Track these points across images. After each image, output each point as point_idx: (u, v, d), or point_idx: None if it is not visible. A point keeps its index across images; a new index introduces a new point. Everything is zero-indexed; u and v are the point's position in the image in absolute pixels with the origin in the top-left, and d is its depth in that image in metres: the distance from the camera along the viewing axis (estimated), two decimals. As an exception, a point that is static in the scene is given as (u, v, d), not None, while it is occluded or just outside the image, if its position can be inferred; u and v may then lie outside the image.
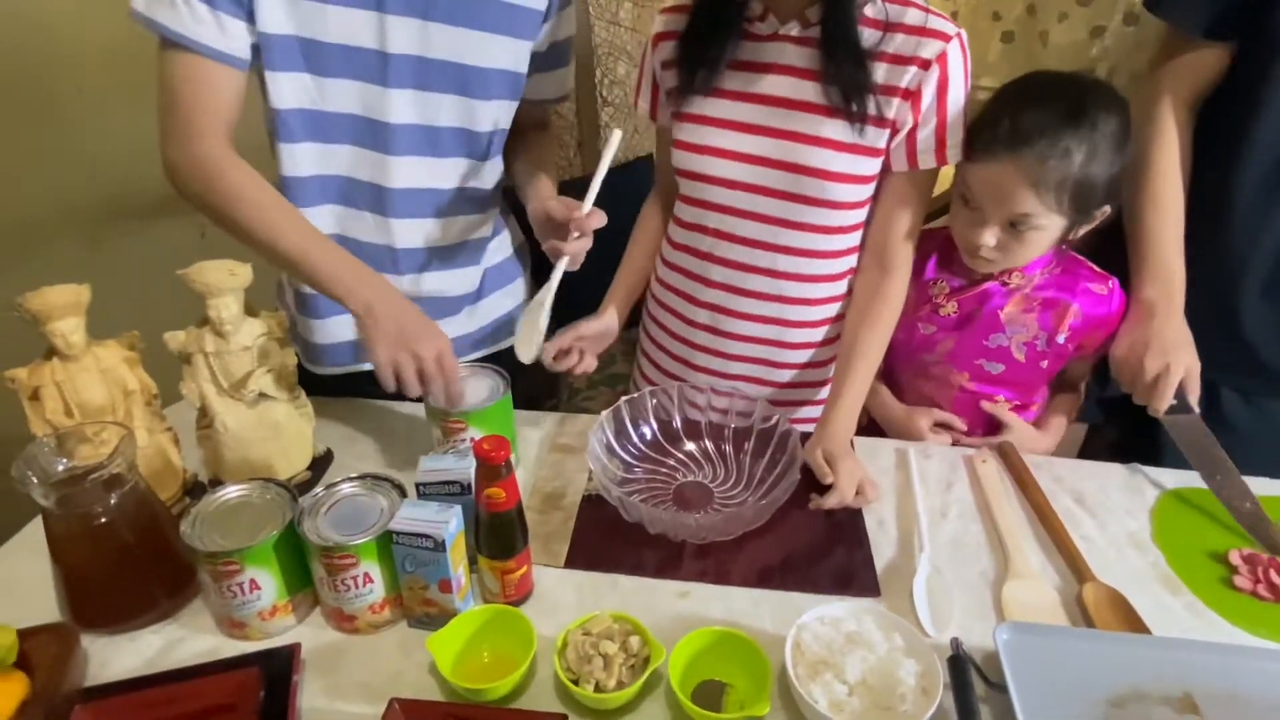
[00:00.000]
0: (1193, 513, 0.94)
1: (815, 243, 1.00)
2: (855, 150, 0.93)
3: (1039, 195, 0.89)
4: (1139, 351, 0.96)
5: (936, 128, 0.91)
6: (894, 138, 0.93)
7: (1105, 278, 1.02)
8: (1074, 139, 0.87)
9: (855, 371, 0.99)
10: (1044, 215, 0.91)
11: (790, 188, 0.96)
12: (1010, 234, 0.94)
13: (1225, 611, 0.81)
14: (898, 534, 0.91)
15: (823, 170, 0.93)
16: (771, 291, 1.03)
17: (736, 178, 0.98)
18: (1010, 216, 0.92)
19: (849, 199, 0.96)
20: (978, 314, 1.04)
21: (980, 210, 0.94)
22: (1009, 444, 1.04)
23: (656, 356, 1.18)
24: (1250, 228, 0.98)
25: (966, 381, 1.08)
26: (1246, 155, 0.96)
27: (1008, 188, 0.90)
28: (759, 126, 0.96)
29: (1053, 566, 0.87)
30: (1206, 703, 0.67)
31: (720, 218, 1.02)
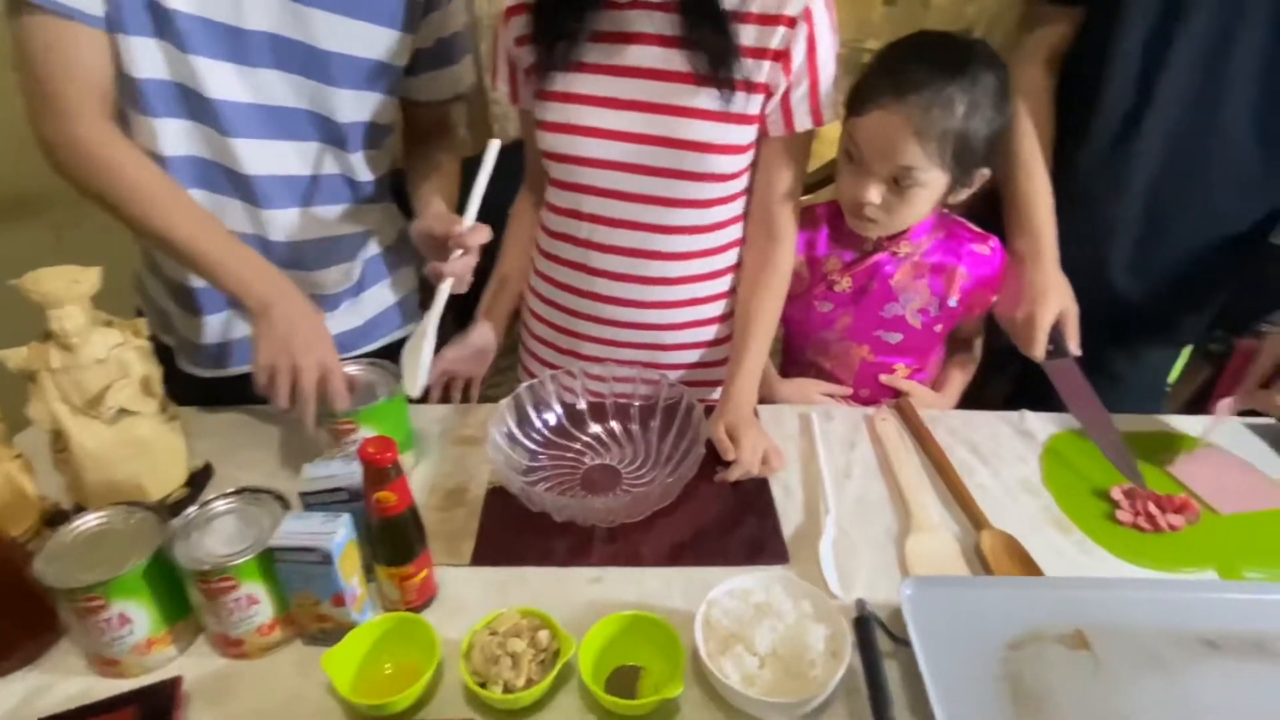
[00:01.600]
0: (1078, 454, 0.98)
1: (697, 218, 0.97)
2: (730, 119, 0.91)
3: (922, 146, 0.90)
4: (1014, 301, 0.99)
5: (810, 87, 0.90)
6: (768, 102, 0.91)
7: (986, 238, 1.04)
8: (957, 90, 0.88)
9: (752, 341, 0.98)
10: (927, 169, 0.92)
11: (667, 163, 0.92)
12: (894, 191, 0.95)
13: (1111, 546, 0.86)
14: (804, 498, 0.92)
15: (699, 142, 0.91)
16: (657, 274, 1.00)
17: (609, 157, 0.94)
18: (894, 170, 0.93)
19: (728, 170, 0.94)
20: (871, 286, 1.05)
21: (865, 165, 0.94)
22: (907, 401, 1.06)
23: (542, 353, 1.13)
24: (1107, 187, 1.02)
25: (867, 354, 1.10)
26: (1096, 120, 1.00)
27: (892, 138, 0.90)
28: (627, 101, 0.92)
29: (952, 517, 0.89)
30: (1096, 636, 0.70)
31: (596, 201, 0.98)
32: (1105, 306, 1.04)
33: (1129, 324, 1.12)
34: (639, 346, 1.06)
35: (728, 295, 1.05)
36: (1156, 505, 0.89)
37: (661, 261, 0.99)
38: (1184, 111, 0.96)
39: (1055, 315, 0.97)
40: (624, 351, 1.06)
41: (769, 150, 0.96)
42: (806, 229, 1.05)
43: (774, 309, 1.00)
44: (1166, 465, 0.96)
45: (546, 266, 1.08)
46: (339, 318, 1.08)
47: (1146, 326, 1.13)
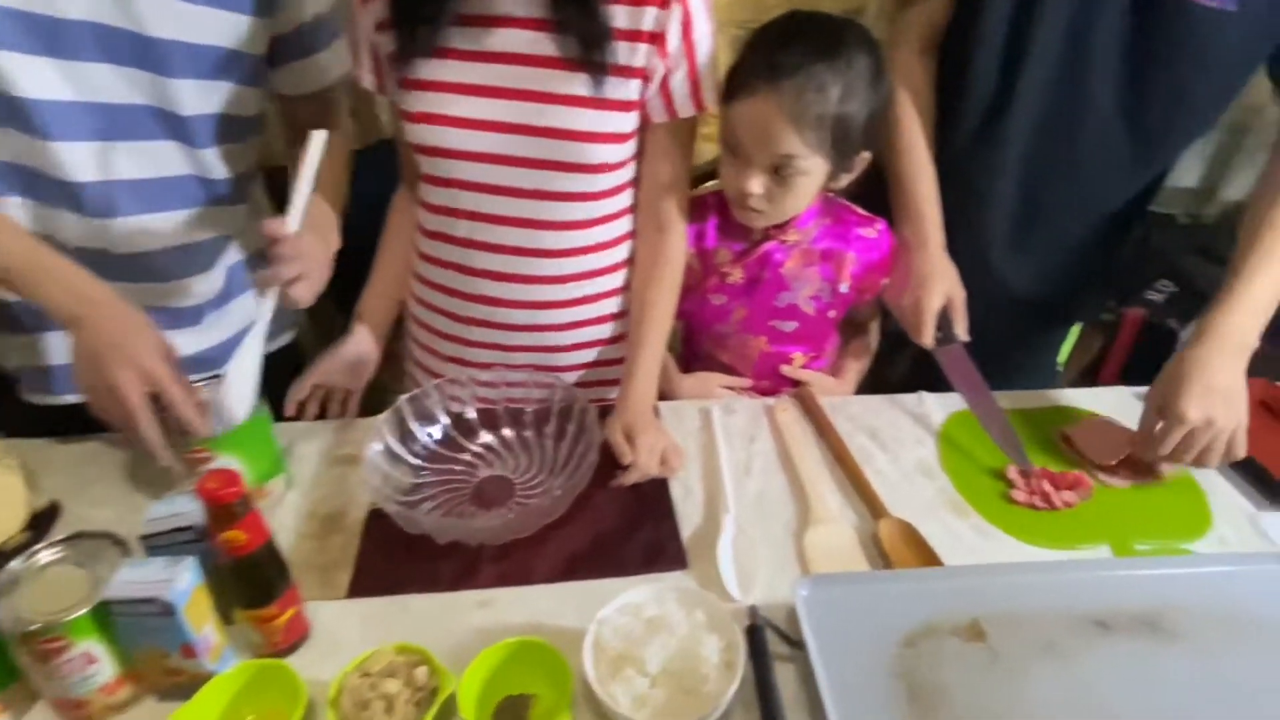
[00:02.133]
0: (973, 435, 0.98)
1: (582, 211, 0.93)
2: (607, 105, 0.86)
3: (800, 133, 0.87)
4: (902, 288, 0.99)
5: (689, 70, 0.86)
6: (647, 86, 0.87)
7: (872, 220, 1.03)
8: (830, 74, 0.86)
9: (647, 338, 0.95)
10: (807, 156, 0.89)
11: (544, 154, 0.87)
12: (776, 181, 0.92)
13: (1007, 527, 0.86)
14: (704, 497, 0.89)
15: (576, 131, 0.86)
16: (545, 273, 0.95)
17: (481, 149, 0.88)
18: (774, 160, 0.90)
19: (610, 160, 0.90)
20: (763, 276, 1.02)
21: (745, 155, 0.91)
22: (806, 390, 1.05)
23: (428, 361, 1.07)
24: (982, 167, 1.02)
25: (765, 345, 1.07)
26: (967, 100, 1.00)
27: (768, 126, 0.87)
28: (497, 88, 0.86)
29: (850, 507, 0.88)
30: (991, 625, 0.69)
31: (472, 197, 0.92)
32: (990, 288, 1.04)
33: (1014, 305, 1.13)
34: (531, 349, 1.01)
35: (621, 291, 1.01)
36: (1050, 483, 0.90)
37: (548, 259, 0.94)
38: (1050, 90, 0.96)
39: (942, 301, 0.97)
40: (515, 355, 1.01)
41: (652, 138, 0.92)
42: (695, 220, 1.02)
43: (668, 303, 0.97)
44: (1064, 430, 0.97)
45: (425, 269, 1.01)
46: (202, 332, 1.00)
47: (1032, 307, 1.14)
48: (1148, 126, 0.96)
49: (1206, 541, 0.85)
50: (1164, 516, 0.88)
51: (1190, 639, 0.68)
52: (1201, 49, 0.88)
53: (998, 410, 0.96)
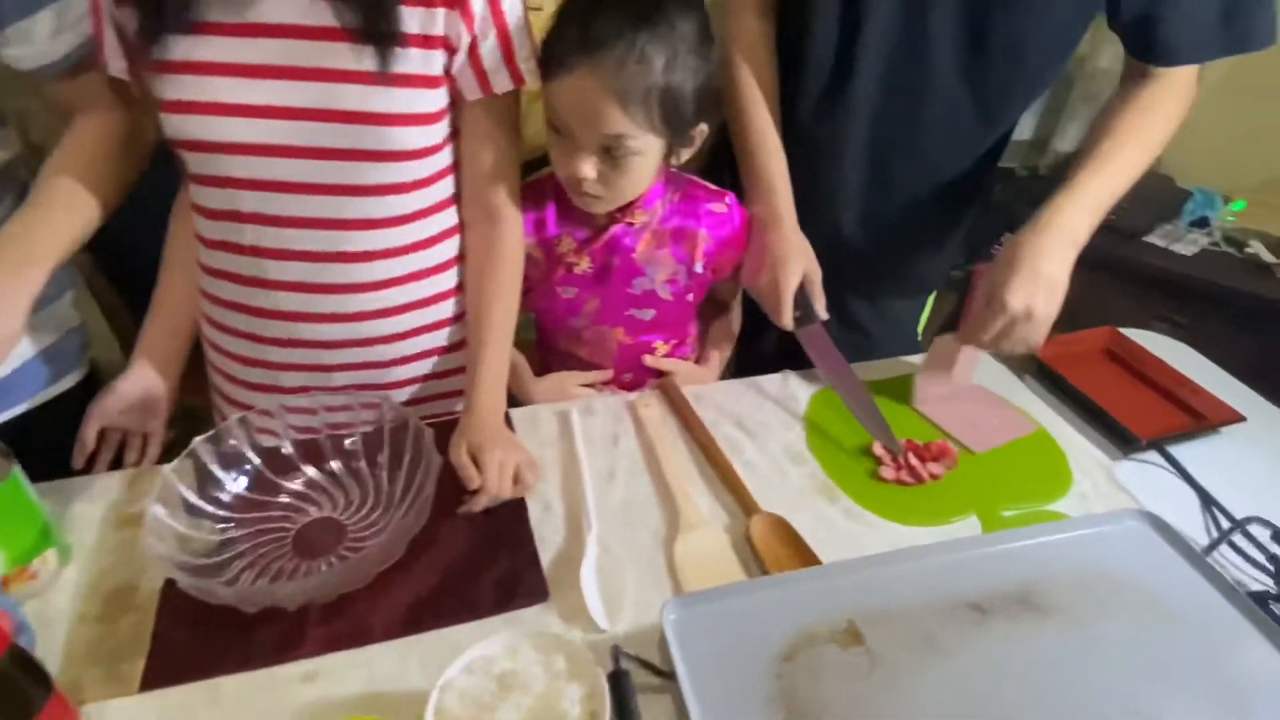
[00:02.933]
0: (839, 412, 0.95)
1: (393, 207, 0.81)
2: (407, 82, 0.75)
3: (626, 111, 0.79)
4: (757, 268, 0.94)
5: (499, 38, 0.76)
6: (453, 59, 0.77)
7: (721, 194, 0.97)
8: (652, 42, 0.78)
9: (487, 342, 0.85)
10: (637, 135, 0.82)
11: (337, 142, 0.75)
12: (608, 162, 0.84)
13: (878, 508, 0.83)
14: (565, 514, 0.81)
15: (370, 113, 0.74)
16: (357, 280, 0.83)
17: (258, 139, 0.75)
18: (602, 140, 0.82)
19: (418, 145, 0.79)
20: (613, 263, 0.94)
21: (571, 137, 0.83)
22: (669, 380, 0.98)
23: (234, 392, 0.93)
24: (829, 137, 0.99)
25: (623, 336, 1.00)
26: (809, 67, 0.96)
27: (592, 104, 0.79)
28: (270, 67, 0.73)
29: (721, 505, 0.83)
30: (868, 625, 0.65)
31: (256, 197, 0.79)
32: (844, 262, 1.01)
33: (870, 277, 1.11)
34: (353, 367, 0.89)
35: (456, 293, 0.91)
36: (916, 456, 0.87)
37: (358, 263, 0.82)
38: (891, 54, 0.93)
39: (799, 280, 0.93)
40: (336, 376, 0.88)
41: (470, 118, 0.82)
42: (532, 208, 0.93)
43: (508, 301, 0.87)
44: (918, 406, 0.95)
45: (213, 284, 0.87)
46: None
47: (887, 278, 1.13)
48: (988, 86, 0.94)
49: (1069, 500, 0.85)
50: (1026, 478, 0.87)
51: (1063, 611, 0.67)
52: (1039, 12, 0.86)
53: (859, 386, 0.93)
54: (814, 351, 0.95)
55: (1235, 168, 1.57)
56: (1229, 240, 1.54)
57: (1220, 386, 1.00)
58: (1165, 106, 0.89)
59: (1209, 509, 0.84)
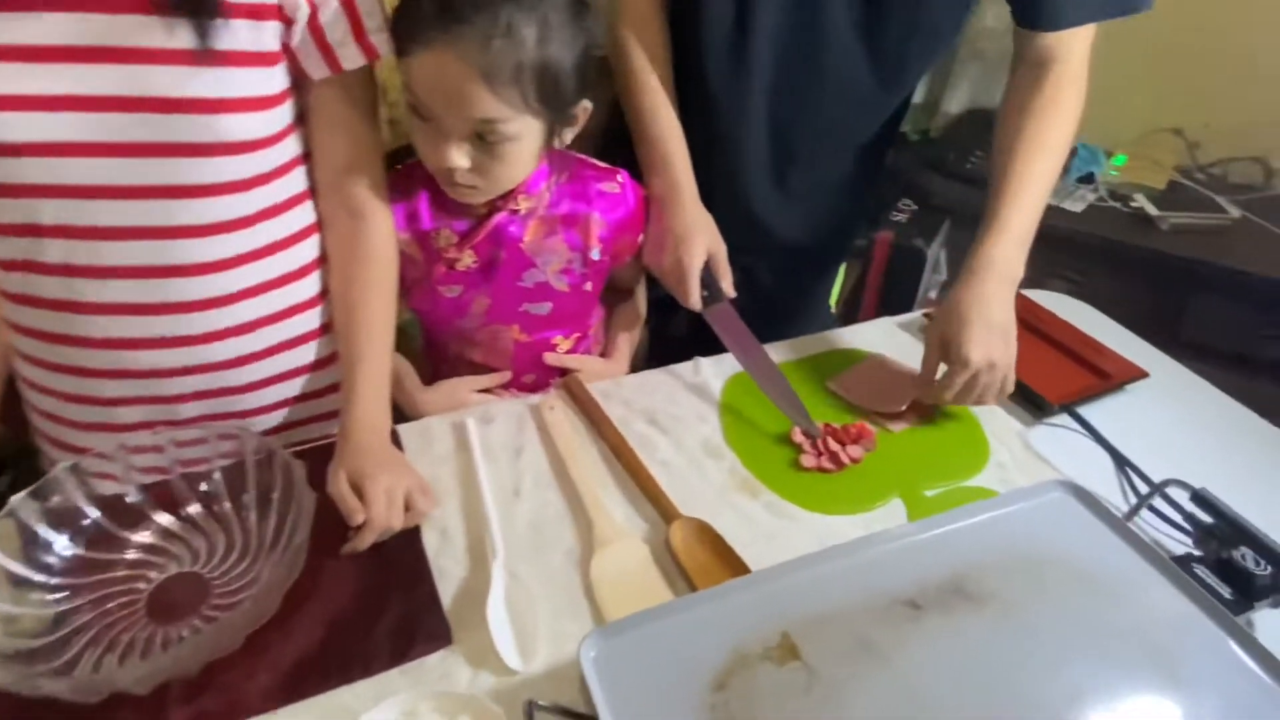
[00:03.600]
0: (755, 398, 0.90)
1: (229, 208, 0.70)
2: (234, 60, 0.64)
3: (495, 92, 0.70)
4: (659, 248, 0.88)
5: (343, 5, 0.67)
6: (290, 31, 0.66)
7: (612, 172, 0.90)
8: (519, 13, 0.69)
9: (361, 354, 0.76)
10: (512, 118, 0.73)
11: (155, 135, 0.64)
12: (482, 150, 0.75)
13: (800, 499, 0.79)
14: (466, 541, 0.73)
15: (193, 99, 0.63)
16: (195, 295, 0.72)
17: (52, 136, 0.63)
18: (472, 125, 0.73)
19: (255, 134, 0.68)
20: (499, 256, 0.86)
21: (436, 122, 0.73)
22: (574, 379, 0.91)
23: (64, 435, 0.80)
24: (729, 107, 0.93)
25: (518, 334, 0.92)
26: (705, 35, 0.90)
27: (455, 85, 0.70)
28: (62, 48, 0.61)
29: (639, 513, 0.77)
30: (803, 636, 0.60)
31: (58, 206, 0.66)
32: (754, 237, 0.97)
33: (781, 252, 1.07)
34: (203, 396, 0.77)
35: (318, 301, 0.80)
36: (835, 440, 0.84)
37: (194, 278, 0.71)
38: (788, 21, 0.88)
39: (703, 258, 0.87)
40: (184, 408, 0.77)
41: (318, 100, 0.72)
42: (402, 198, 0.83)
43: (381, 305, 0.78)
44: (832, 386, 0.92)
45: (18, 313, 0.74)
46: None
47: (799, 251, 1.08)
48: (886, 49, 0.90)
49: (989, 472, 0.83)
50: (945, 453, 0.85)
51: (996, 597, 0.64)
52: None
53: (773, 368, 0.88)
54: (724, 332, 0.90)
55: (1114, 122, 1.61)
56: (1114, 195, 1.59)
57: (1121, 343, 1.01)
58: (1066, 105, 0.86)
59: (1124, 470, 0.84)
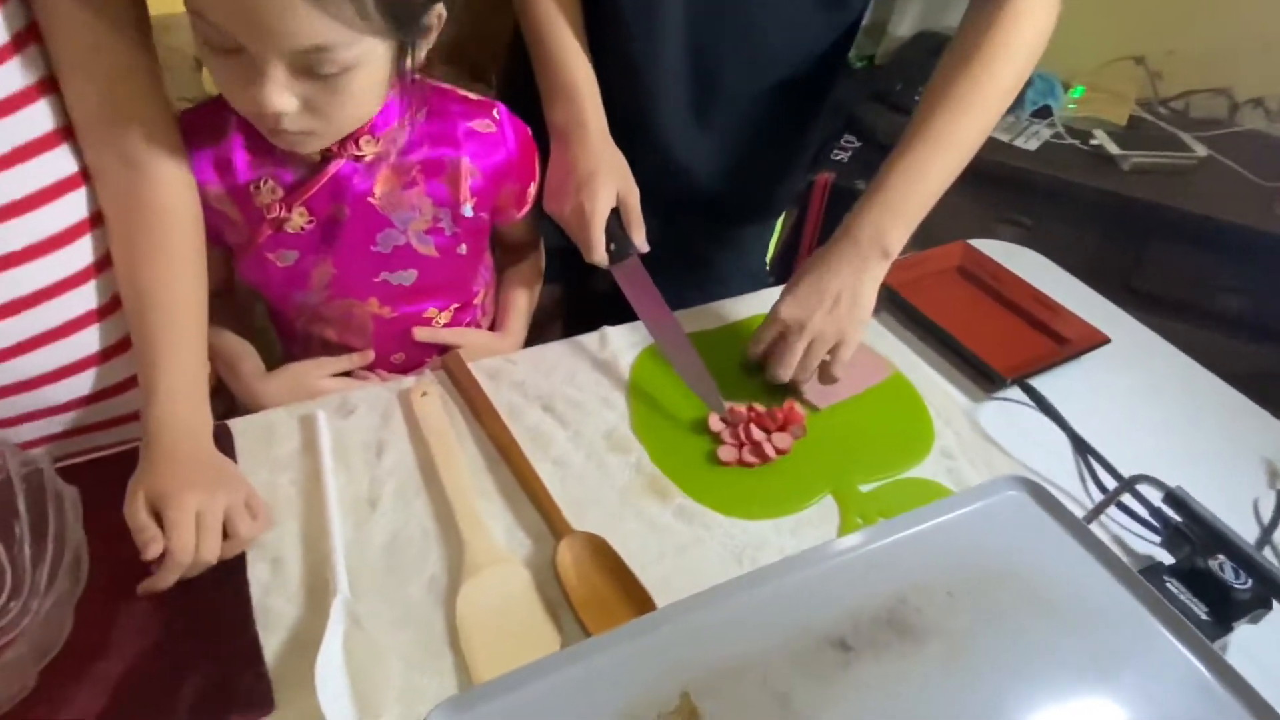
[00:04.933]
0: (668, 377, 0.77)
1: None
2: None
3: (325, 8, 0.52)
4: (561, 190, 0.73)
5: None
6: None
7: (487, 107, 0.73)
8: None
9: (162, 339, 0.59)
10: (351, 42, 0.55)
11: None
12: (312, 85, 0.57)
13: (717, 501, 0.67)
14: (303, 571, 0.59)
15: None
16: None
17: None
18: (297, 57, 0.55)
19: None
20: (342, 214, 0.68)
21: (243, 53, 0.55)
22: (454, 357, 0.77)
23: None
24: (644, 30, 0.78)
25: (377, 308, 0.75)
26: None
27: (270, 7, 0.51)
28: None
29: (523, 527, 0.64)
30: (707, 695, 0.49)
31: None
32: (674, 182, 0.83)
33: (706, 200, 0.92)
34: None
35: (96, 272, 0.63)
36: (759, 426, 0.72)
37: None
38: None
39: (611, 203, 0.72)
40: None
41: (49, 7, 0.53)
42: (207, 143, 0.65)
43: (179, 277, 0.61)
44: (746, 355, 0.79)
45: None
46: None
47: (729, 199, 0.94)
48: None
49: (932, 460, 0.73)
50: (883, 437, 0.74)
51: (940, 632, 0.53)
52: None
53: (683, 338, 0.75)
54: (631, 293, 0.76)
55: (1071, 50, 1.48)
56: (1071, 131, 1.47)
57: (1076, 299, 0.91)
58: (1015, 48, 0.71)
59: (1085, 457, 0.74)
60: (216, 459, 0.61)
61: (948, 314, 0.85)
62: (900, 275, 0.90)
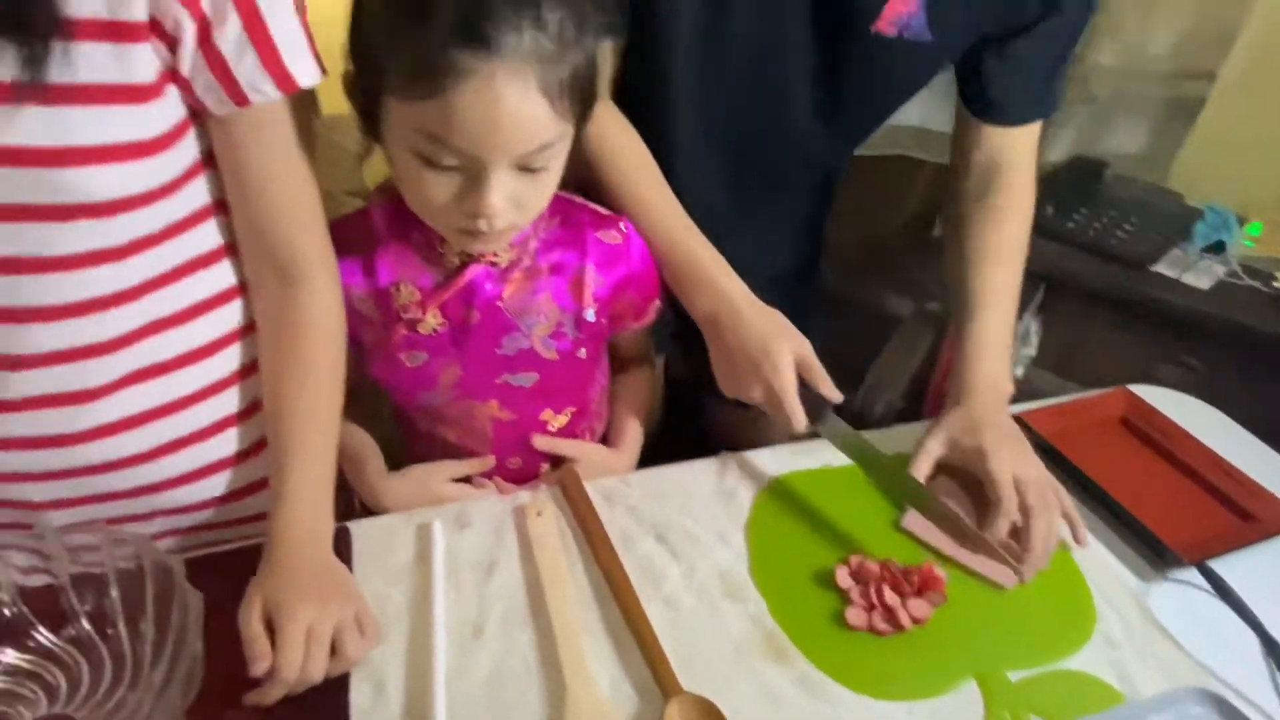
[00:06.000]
0: (794, 514, 0.73)
1: (98, 283, 0.54)
2: (94, 96, 0.48)
3: (554, 107, 0.56)
4: (735, 376, 0.72)
5: (246, 22, 0.51)
6: (177, 53, 0.51)
7: (614, 220, 0.73)
8: (554, 5, 0.54)
9: (292, 447, 0.60)
10: (563, 135, 0.59)
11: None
12: (524, 180, 0.60)
13: (843, 672, 0.60)
14: (404, 698, 0.57)
15: (31, 149, 0.48)
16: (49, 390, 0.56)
17: None
18: (525, 156, 0.58)
19: (132, 189, 0.52)
20: (473, 317, 0.69)
21: (473, 165, 0.57)
22: (569, 472, 0.75)
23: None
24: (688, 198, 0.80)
25: (498, 411, 0.75)
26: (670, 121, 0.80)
27: (511, 111, 0.54)
28: None
29: (629, 677, 0.59)
30: None
31: None
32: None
33: None
34: (79, 503, 0.62)
35: (240, 378, 0.65)
36: (893, 588, 0.65)
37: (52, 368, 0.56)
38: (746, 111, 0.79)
39: (793, 371, 0.70)
40: (58, 516, 0.62)
41: (224, 139, 0.56)
42: (354, 251, 0.68)
43: (320, 388, 0.63)
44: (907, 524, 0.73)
45: None
46: None
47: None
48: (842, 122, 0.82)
49: (1093, 648, 0.64)
50: (1038, 616, 0.66)
51: None
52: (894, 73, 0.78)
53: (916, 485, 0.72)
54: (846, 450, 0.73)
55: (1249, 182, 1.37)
56: (1249, 271, 1.34)
57: (1262, 466, 0.80)
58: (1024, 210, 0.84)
59: (1276, 661, 0.63)
60: (334, 568, 0.61)
61: (1111, 474, 0.77)
62: (1053, 424, 0.83)
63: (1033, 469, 0.71)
